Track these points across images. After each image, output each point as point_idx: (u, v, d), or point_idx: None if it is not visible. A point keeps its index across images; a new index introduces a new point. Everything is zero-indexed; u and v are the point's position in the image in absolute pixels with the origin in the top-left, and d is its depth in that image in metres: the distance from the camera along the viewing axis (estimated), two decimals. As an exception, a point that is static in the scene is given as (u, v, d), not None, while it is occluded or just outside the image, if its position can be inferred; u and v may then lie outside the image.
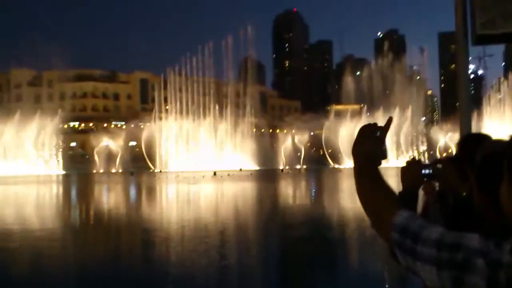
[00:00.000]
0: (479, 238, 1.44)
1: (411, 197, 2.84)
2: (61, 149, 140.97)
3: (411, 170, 2.90)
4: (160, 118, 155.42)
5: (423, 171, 2.92)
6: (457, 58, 5.43)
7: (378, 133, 2.08)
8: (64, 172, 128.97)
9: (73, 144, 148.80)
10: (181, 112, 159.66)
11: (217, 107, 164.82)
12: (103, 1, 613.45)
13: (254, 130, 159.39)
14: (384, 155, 2.05)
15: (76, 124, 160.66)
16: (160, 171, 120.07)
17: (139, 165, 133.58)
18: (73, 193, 57.27)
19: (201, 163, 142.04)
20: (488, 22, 4.76)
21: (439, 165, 3.04)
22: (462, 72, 5.36)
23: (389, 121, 2.13)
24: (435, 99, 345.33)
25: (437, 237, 1.49)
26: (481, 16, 4.81)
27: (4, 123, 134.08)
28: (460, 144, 3.38)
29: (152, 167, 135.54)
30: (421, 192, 3.14)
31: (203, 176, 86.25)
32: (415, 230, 1.56)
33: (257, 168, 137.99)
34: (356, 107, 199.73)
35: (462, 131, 5.16)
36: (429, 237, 1.51)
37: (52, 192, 56.90)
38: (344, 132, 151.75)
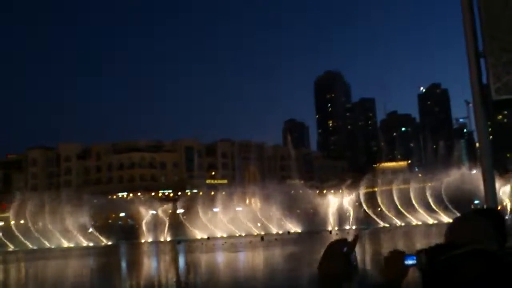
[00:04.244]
0: None
1: None
2: (110, 220, 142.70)
3: (393, 260, 2.77)
4: (206, 185, 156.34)
5: (406, 262, 2.77)
6: (477, 126, 5.08)
7: (345, 249, 2.04)
8: (112, 243, 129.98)
9: (122, 214, 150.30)
10: (226, 178, 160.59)
11: (262, 171, 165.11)
12: (143, 77, 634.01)
13: (301, 192, 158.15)
14: (350, 273, 2.00)
15: (125, 194, 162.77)
16: (208, 238, 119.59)
17: (187, 232, 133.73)
18: (126, 264, 57.24)
19: (248, 228, 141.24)
20: (503, 86, 4.44)
21: (422, 255, 2.79)
22: (483, 140, 5.00)
23: (356, 238, 2.17)
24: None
25: None
26: (494, 81, 4.50)
27: (56, 197, 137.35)
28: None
29: (199, 234, 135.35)
30: None
31: (250, 242, 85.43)
32: None
33: (305, 230, 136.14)
34: (403, 163, 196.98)
35: (488, 200, 4.85)
36: None
37: (116, 263, 56.59)
38: (394, 189, 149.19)
